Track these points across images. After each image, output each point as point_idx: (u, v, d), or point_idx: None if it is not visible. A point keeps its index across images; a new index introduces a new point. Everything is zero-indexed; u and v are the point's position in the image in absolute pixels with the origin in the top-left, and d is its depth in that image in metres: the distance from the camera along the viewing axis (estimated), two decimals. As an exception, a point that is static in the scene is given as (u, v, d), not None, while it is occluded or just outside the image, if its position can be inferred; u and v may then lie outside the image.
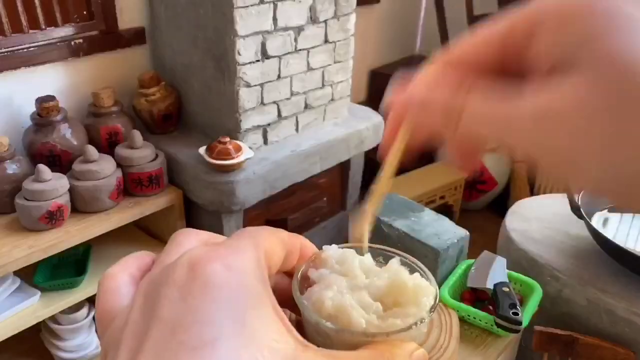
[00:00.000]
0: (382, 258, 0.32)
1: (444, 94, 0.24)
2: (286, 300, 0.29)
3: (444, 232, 1.14)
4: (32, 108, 1.59)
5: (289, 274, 0.30)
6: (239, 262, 0.23)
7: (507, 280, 1.07)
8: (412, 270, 0.31)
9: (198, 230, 0.28)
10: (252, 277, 0.23)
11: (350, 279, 0.29)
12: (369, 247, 0.32)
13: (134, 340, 0.21)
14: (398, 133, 0.28)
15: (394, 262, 0.31)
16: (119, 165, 1.64)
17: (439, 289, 0.38)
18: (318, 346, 0.27)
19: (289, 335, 0.23)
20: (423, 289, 0.29)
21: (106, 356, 0.23)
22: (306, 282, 0.30)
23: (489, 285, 1.06)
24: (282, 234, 0.28)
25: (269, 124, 1.80)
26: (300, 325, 0.29)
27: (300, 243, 0.29)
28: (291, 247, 0.28)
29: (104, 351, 0.23)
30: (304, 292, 0.29)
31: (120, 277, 0.25)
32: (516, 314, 0.97)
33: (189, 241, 0.26)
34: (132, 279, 0.26)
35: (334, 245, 0.32)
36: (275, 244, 0.26)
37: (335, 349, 0.26)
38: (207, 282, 0.22)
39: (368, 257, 0.31)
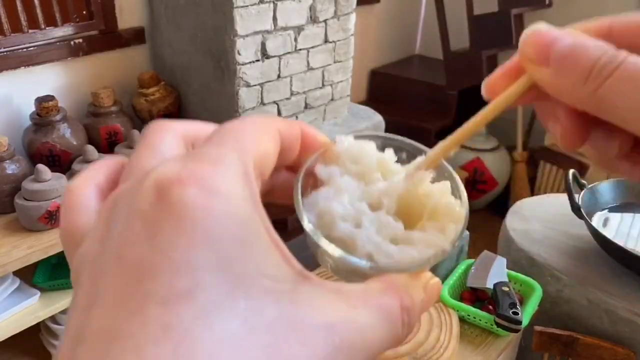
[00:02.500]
0: (405, 155, 0.27)
1: (600, 44, 0.20)
2: (287, 200, 0.25)
3: (444, 232, 1.14)
4: (32, 108, 1.59)
5: (290, 169, 0.26)
6: (220, 181, 0.18)
7: (507, 280, 1.07)
8: (439, 177, 0.25)
9: (176, 122, 0.23)
10: (238, 199, 0.18)
11: (366, 183, 0.25)
12: (390, 138, 0.27)
13: (91, 284, 0.18)
14: (518, 77, 0.23)
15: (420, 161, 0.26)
16: (118, 165, 1.63)
17: None
18: (320, 259, 0.24)
19: (286, 266, 0.19)
20: (455, 214, 0.24)
21: (77, 280, 0.19)
22: (312, 180, 0.25)
23: (489, 285, 1.06)
24: (275, 123, 0.23)
25: (268, 124, 1.79)
26: None
27: (301, 130, 0.25)
28: (289, 138, 0.24)
29: (75, 274, 0.19)
30: (308, 194, 0.24)
31: (86, 190, 0.22)
32: (516, 313, 0.97)
33: (164, 142, 0.22)
34: (100, 192, 0.22)
35: (350, 135, 0.26)
36: (266, 142, 0.22)
37: (339, 267, 0.24)
38: (182, 213, 0.17)
39: (389, 152, 0.26)
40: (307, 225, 0.23)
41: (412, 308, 0.21)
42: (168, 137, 0.22)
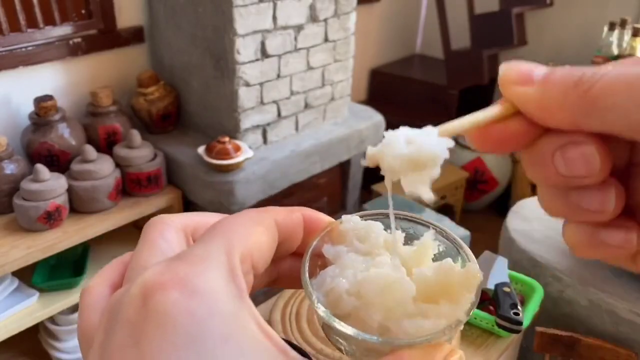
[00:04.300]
0: (412, 230, 0.27)
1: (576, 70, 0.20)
2: (294, 286, 0.25)
3: (445, 232, 1.13)
4: (30, 107, 1.59)
5: (295, 255, 0.26)
6: (203, 282, 0.18)
7: (508, 281, 1.06)
8: (448, 251, 0.25)
9: (174, 216, 0.24)
10: (224, 296, 0.19)
11: (373, 259, 0.24)
12: (396, 214, 0.26)
13: None
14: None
15: (428, 237, 0.26)
16: (117, 165, 1.63)
17: None
18: (333, 342, 0.23)
19: (282, 356, 0.19)
20: (468, 283, 0.23)
21: None
22: (320, 260, 0.25)
23: (490, 285, 1.05)
24: (271, 214, 0.23)
25: (268, 124, 1.79)
26: None
27: (303, 216, 0.25)
28: (290, 226, 0.24)
29: None
30: (316, 275, 0.24)
31: (99, 290, 0.22)
32: (517, 314, 0.96)
33: (164, 238, 0.22)
34: (113, 291, 0.22)
35: (355, 214, 0.26)
36: (258, 234, 0.22)
37: (350, 349, 0.23)
38: (164, 318, 0.18)
39: (397, 234, 0.26)
40: (318, 305, 0.22)
41: None
42: (167, 233, 0.23)
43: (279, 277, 0.26)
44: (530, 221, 1.45)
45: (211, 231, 0.21)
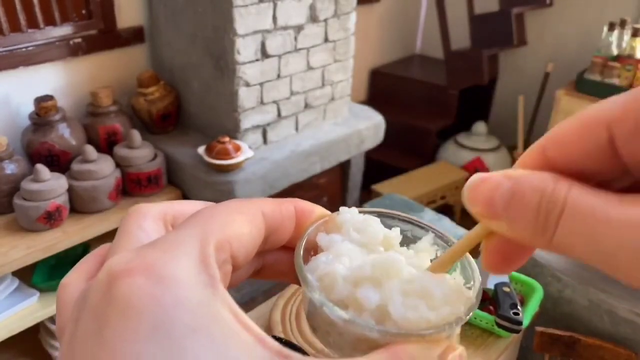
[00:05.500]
0: (410, 233, 0.26)
1: (536, 183, 0.19)
2: (278, 277, 0.25)
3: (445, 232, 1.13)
4: (31, 107, 1.59)
5: (285, 248, 0.25)
6: (171, 269, 0.18)
7: (508, 281, 1.06)
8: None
9: (153, 205, 0.23)
10: (190, 284, 0.18)
11: (369, 252, 0.23)
12: (395, 214, 0.26)
13: None
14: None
15: (426, 242, 0.25)
16: (117, 165, 1.63)
17: None
18: (320, 334, 0.23)
19: (260, 346, 0.18)
20: (462, 290, 0.22)
21: None
22: (313, 250, 0.24)
23: (490, 285, 1.05)
24: (256, 204, 0.22)
25: (268, 124, 1.79)
26: None
27: (296, 208, 0.24)
28: (278, 218, 0.23)
29: None
30: (309, 262, 0.23)
31: (76, 284, 0.21)
32: (517, 314, 0.96)
33: (141, 228, 0.22)
34: None
35: (354, 208, 0.25)
36: (237, 222, 0.21)
37: (339, 342, 0.22)
38: (127, 305, 0.17)
39: (395, 231, 0.25)
40: (313, 289, 0.22)
41: None
42: (145, 222, 0.22)
43: (262, 267, 0.26)
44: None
45: (189, 219, 0.21)
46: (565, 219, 0.18)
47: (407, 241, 0.25)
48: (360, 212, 0.25)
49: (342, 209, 0.25)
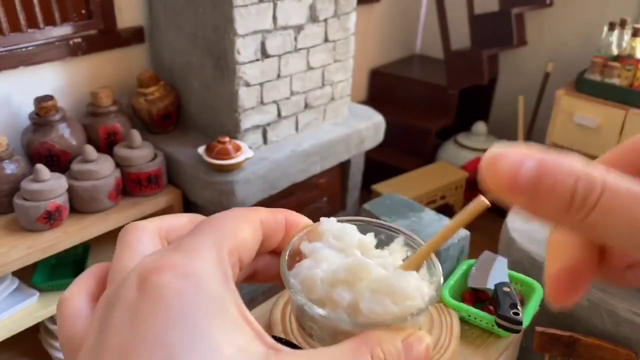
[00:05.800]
0: (384, 236, 0.29)
1: (568, 167, 0.18)
2: (269, 280, 0.28)
3: (445, 232, 1.13)
4: (31, 107, 1.59)
5: (274, 253, 0.28)
6: (194, 267, 0.21)
7: (508, 281, 1.06)
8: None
9: (147, 221, 0.25)
10: (211, 280, 0.21)
11: (347, 257, 0.27)
12: (369, 221, 0.29)
13: None
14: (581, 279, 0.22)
15: (397, 244, 0.29)
16: (117, 165, 1.63)
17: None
18: (306, 330, 0.26)
19: (258, 340, 0.21)
20: (422, 286, 0.26)
21: None
22: (298, 257, 0.27)
23: (490, 285, 1.05)
24: (256, 213, 0.26)
25: (268, 124, 1.79)
26: None
27: (285, 218, 0.27)
28: (272, 225, 0.26)
29: None
30: (293, 268, 0.26)
31: (77, 299, 0.23)
32: (517, 314, 0.96)
33: (140, 241, 0.24)
34: (91, 298, 0.24)
35: (333, 218, 0.29)
36: (244, 230, 0.24)
37: (321, 335, 0.25)
38: (158, 296, 0.20)
39: (370, 236, 0.29)
40: (294, 291, 0.25)
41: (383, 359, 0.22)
42: (144, 237, 0.24)
43: (255, 272, 0.28)
44: (531, 221, 1.45)
45: (202, 226, 0.23)
46: (605, 199, 0.18)
47: (382, 244, 0.29)
48: (338, 221, 0.29)
49: (322, 219, 0.28)
